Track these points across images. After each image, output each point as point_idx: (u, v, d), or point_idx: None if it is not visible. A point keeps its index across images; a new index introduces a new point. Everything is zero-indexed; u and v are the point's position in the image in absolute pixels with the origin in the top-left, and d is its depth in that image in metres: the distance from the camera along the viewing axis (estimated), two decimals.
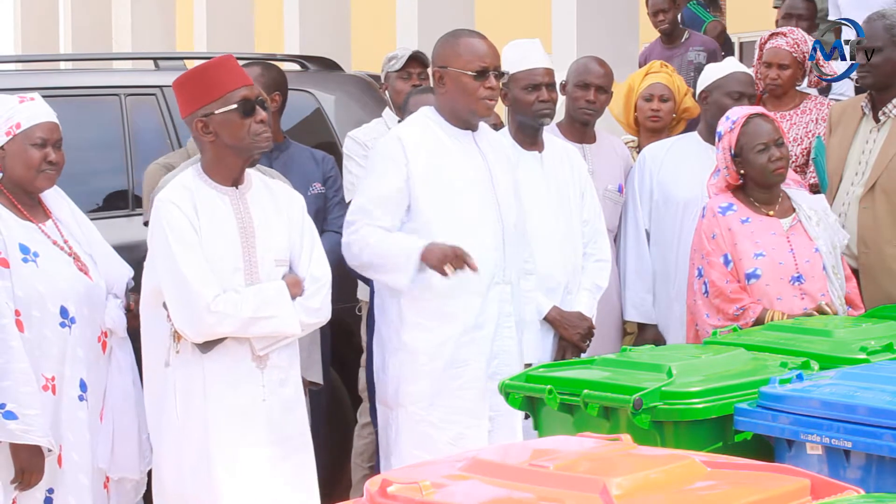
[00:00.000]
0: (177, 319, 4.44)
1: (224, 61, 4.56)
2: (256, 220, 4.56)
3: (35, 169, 4.70)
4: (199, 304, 4.39)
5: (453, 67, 5.04)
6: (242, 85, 4.51)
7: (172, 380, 4.51)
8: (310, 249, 4.64)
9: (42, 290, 4.62)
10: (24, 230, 4.69)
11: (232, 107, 4.47)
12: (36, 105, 4.76)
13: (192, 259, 4.41)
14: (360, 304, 6.41)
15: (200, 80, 4.52)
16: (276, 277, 4.55)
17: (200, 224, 4.47)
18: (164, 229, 4.44)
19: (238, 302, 4.43)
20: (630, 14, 9.50)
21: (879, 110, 5.88)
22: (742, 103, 5.90)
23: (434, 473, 3.20)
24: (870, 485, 3.64)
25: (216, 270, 4.45)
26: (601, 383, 4.23)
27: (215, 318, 4.40)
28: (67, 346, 4.68)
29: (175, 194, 4.50)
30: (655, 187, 6.15)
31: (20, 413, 4.50)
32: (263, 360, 4.53)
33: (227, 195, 4.55)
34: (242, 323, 4.44)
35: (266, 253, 4.55)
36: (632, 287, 6.15)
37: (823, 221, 5.44)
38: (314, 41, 12.51)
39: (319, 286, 4.60)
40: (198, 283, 4.39)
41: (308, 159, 6.05)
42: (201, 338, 4.45)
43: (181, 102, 4.56)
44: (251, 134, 4.50)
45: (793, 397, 3.88)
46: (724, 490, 3.10)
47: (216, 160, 4.54)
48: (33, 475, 4.59)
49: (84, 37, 18.36)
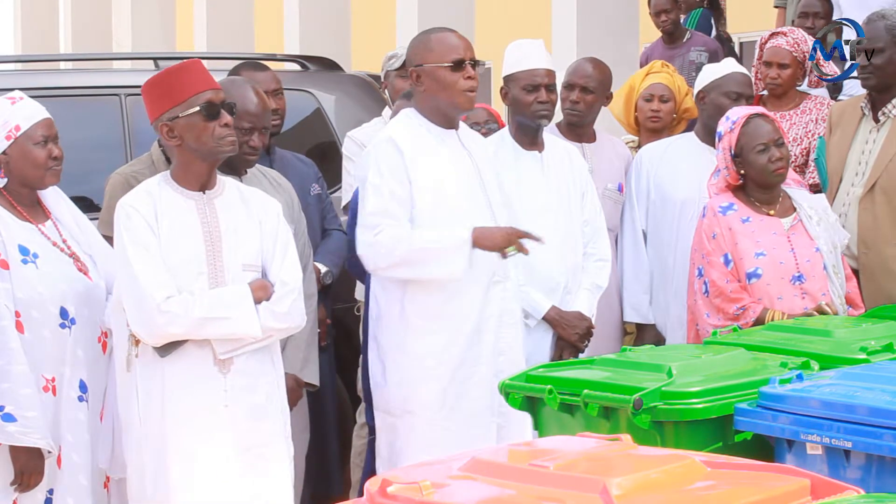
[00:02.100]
0: (131, 321, 4.42)
1: (189, 65, 4.55)
2: (224, 225, 4.51)
3: (43, 167, 4.71)
4: (150, 304, 4.35)
5: (428, 63, 5.03)
6: (207, 88, 4.49)
7: (134, 383, 4.48)
8: (282, 255, 4.57)
9: (42, 291, 4.62)
10: (24, 231, 4.69)
11: (195, 109, 4.45)
12: (29, 104, 4.75)
13: (145, 261, 4.39)
14: (358, 304, 6.41)
15: (165, 84, 4.51)
16: (244, 282, 4.50)
17: (160, 228, 4.44)
18: (122, 232, 4.44)
19: (190, 303, 4.38)
20: (630, 14, 9.50)
21: (879, 110, 5.88)
22: (740, 104, 5.91)
23: (434, 473, 3.20)
24: (870, 485, 3.64)
25: (178, 274, 4.42)
26: (601, 383, 4.23)
27: (166, 319, 4.36)
28: (67, 347, 4.67)
29: (135, 198, 4.50)
30: (652, 188, 6.15)
31: (19, 415, 4.50)
32: (226, 364, 4.46)
33: (193, 200, 4.52)
34: (193, 324, 4.38)
35: (233, 258, 4.50)
36: (629, 288, 6.15)
37: (824, 221, 5.44)
38: (314, 41, 12.51)
39: (288, 290, 4.51)
40: (149, 285, 4.36)
41: (297, 162, 6.05)
42: (154, 339, 4.40)
43: (148, 107, 4.54)
44: (215, 137, 4.47)
45: (793, 397, 3.88)
46: (724, 490, 3.10)
47: (182, 165, 4.52)
48: (32, 477, 4.58)
49: (84, 37, 18.37)
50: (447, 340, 5.02)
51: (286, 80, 6.86)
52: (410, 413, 5.03)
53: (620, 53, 8.75)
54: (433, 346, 5.01)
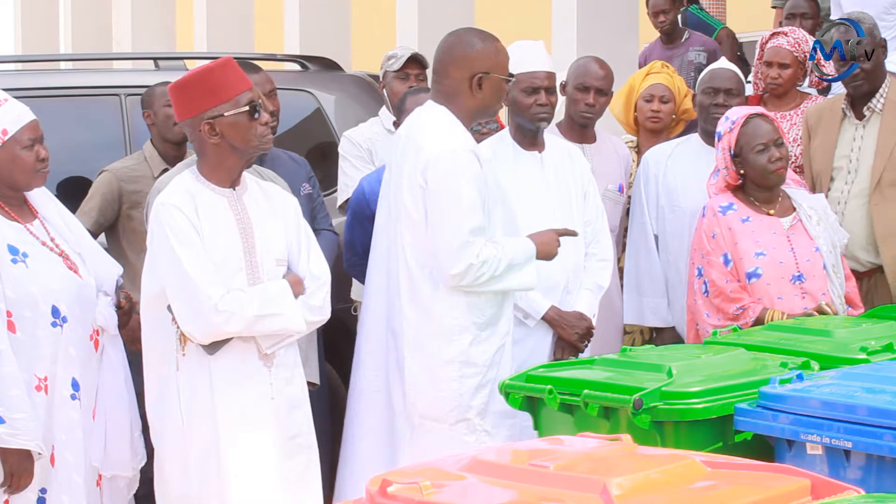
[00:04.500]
0: (184, 321, 4.45)
1: (228, 63, 4.57)
2: (255, 221, 4.57)
3: (32, 171, 4.68)
4: (207, 304, 4.40)
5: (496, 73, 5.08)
6: (248, 88, 4.54)
7: (176, 382, 4.52)
8: (307, 249, 4.65)
9: (33, 290, 4.61)
10: (12, 231, 4.67)
11: (243, 109, 4.49)
12: (14, 107, 4.70)
13: (196, 260, 4.42)
14: (355, 304, 6.40)
15: (206, 82, 4.51)
16: (277, 277, 4.57)
17: (202, 226, 4.48)
18: (167, 232, 4.44)
19: (244, 301, 4.45)
20: (630, 14, 9.49)
21: (862, 107, 5.89)
22: (719, 98, 5.99)
23: (434, 473, 3.21)
24: (870, 485, 3.64)
25: (219, 271, 4.47)
26: (601, 383, 4.23)
27: (223, 318, 4.41)
28: (59, 346, 4.66)
29: (176, 197, 4.50)
30: (661, 193, 6.13)
31: (8, 417, 4.49)
32: (270, 358, 4.56)
33: (226, 197, 4.56)
34: (249, 321, 4.46)
35: (266, 253, 4.56)
36: (647, 293, 6.13)
37: (824, 221, 5.45)
38: (314, 41, 12.51)
39: (320, 284, 4.62)
40: (205, 284, 4.40)
41: (289, 161, 6.05)
42: (209, 338, 4.45)
43: (181, 105, 4.53)
44: (258, 136, 4.53)
45: (793, 397, 3.88)
46: (724, 490, 3.10)
47: (217, 162, 4.54)
48: (22, 479, 4.57)
49: (84, 37, 18.36)
50: (495, 347, 5.05)
51: (286, 80, 6.87)
52: (465, 420, 5.00)
53: (620, 53, 8.73)
54: (486, 353, 5.02)
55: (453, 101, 5.09)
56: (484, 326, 5.03)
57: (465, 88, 5.06)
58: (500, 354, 5.07)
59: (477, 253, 4.92)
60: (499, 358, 5.06)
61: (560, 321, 5.58)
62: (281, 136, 6.24)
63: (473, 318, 5.01)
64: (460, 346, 4.99)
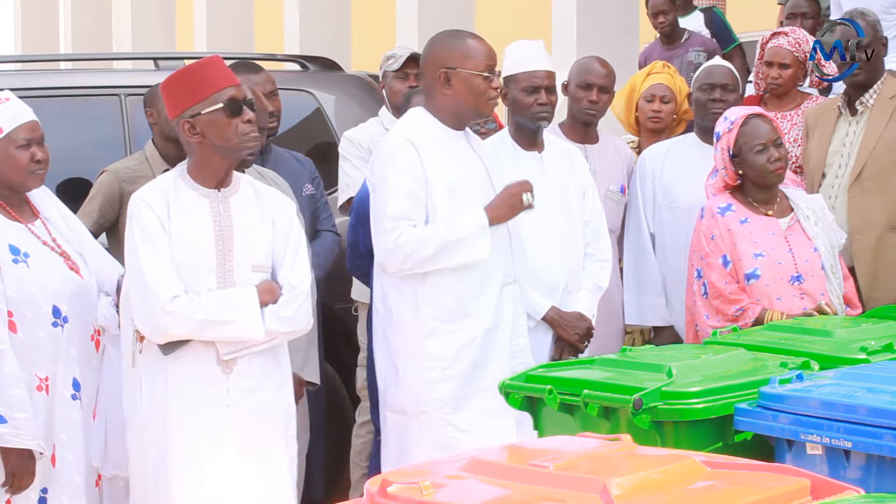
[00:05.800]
0: (136, 317, 4.44)
1: (210, 62, 4.54)
2: (237, 224, 4.51)
3: (25, 171, 4.68)
4: (156, 304, 4.36)
5: (465, 69, 5.04)
6: (229, 85, 4.49)
7: (138, 379, 4.50)
8: (293, 257, 4.56)
9: (34, 290, 4.61)
10: (13, 231, 4.67)
11: (218, 106, 4.44)
12: (14, 106, 4.71)
13: (155, 259, 4.39)
14: (356, 304, 6.41)
15: (187, 80, 4.49)
16: (252, 283, 4.49)
17: (172, 225, 4.44)
18: (133, 228, 4.44)
19: (195, 304, 4.38)
20: (630, 14, 9.49)
21: (856, 102, 5.91)
22: (715, 94, 6.01)
23: (434, 473, 3.21)
24: (870, 485, 3.64)
25: (186, 272, 4.42)
26: (601, 383, 4.23)
27: (170, 319, 4.36)
28: (60, 346, 4.67)
29: (148, 193, 4.49)
30: (658, 191, 6.14)
31: (9, 417, 4.49)
32: (230, 364, 4.47)
33: (208, 197, 4.51)
34: (198, 325, 4.39)
35: (244, 258, 4.49)
36: (645, 292, 6.13)
37: (822, 221, 5.45)
38: (314, 41, 12.51)
39: (295, 294, 4.50)
40: (156, 283, 4.36)
41: (293, 161, 6.05)
42: (158, 338, 4.42)
43: (168, 104, 4.53)
44: (238, 134, 4.46)
45: (793, 397, 3.88)
46: (724, 490, 3.10)
47: (202, 162, 4.51)
48: (24, 478, 4.58)
49: (84, 37, 18.37)
50: (463, 342, 5.03)
51: (286, 80, 6.88)
52: (425, 413, 5.02)
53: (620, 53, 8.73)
54: (449, 347, 5.01)
55: (430, 100, 5.16)
56: (446, 319, 5.01)
57: (437, 86, 5.10)
58: (471, 350, 5.02)
59: (395, 238, 4.94)
60: (471, 353, 5.02)
61: (560, 321, 5.58)
62: (281, 136, 6.24)
63: (428, 311, 5.00)
64: (415, 338, 5.01)
